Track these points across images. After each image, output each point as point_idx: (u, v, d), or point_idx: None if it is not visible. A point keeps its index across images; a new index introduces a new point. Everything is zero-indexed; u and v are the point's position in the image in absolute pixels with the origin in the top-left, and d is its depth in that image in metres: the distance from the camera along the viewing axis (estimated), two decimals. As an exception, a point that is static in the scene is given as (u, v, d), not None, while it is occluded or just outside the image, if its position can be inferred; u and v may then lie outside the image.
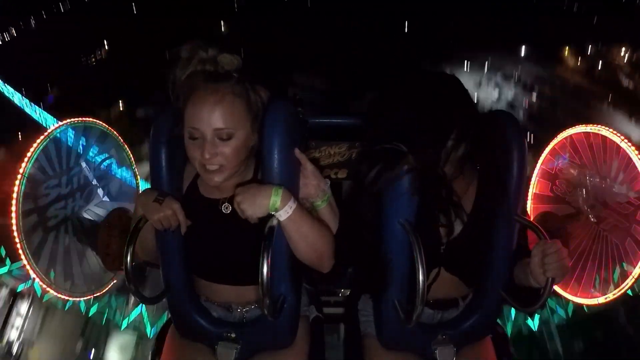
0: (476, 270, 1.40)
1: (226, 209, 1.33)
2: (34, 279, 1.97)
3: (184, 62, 1.24)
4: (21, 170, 1.92)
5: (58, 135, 2.08)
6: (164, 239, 1.39)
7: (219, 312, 1.46)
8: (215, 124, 1.19)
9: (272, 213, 1.18)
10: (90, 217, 2.30)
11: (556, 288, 2.27)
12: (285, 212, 1.18)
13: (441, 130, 1.27)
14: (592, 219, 2.24)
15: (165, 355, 1.49)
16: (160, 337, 1.58)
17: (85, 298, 2.21)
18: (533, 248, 1.22)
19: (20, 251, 1.92)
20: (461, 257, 1.38)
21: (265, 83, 1.34)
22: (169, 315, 1.53)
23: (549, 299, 1.24)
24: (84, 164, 2.25)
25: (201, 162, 1.22)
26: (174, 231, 1.37)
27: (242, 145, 1.24)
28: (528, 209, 2.56)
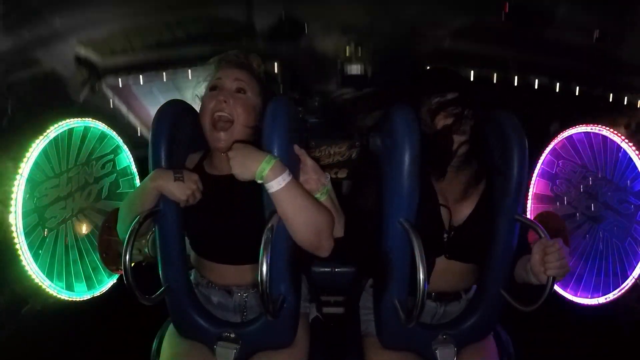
0: (481, 253, 1.41)
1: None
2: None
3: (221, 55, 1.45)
4: (20, 171, 1.91)
5: (58, 135, 2.07)
6: (163, 239, 1.39)
7: (220, 297, 1.47)
8: (236, 76, 1.37)
9: (259, 181, 1.18)
10: (90, 218, 2.29)
11: (556, 288, 2.27)
12: (277, 184, 1.18)
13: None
14: (592, 219, 2.24)
15: (164, 354, 1.49)
16: (160, 336, 1.58)
17: (85, 298, 2.20)
18: (534, 246, 1.23)
19: (20, 251, 1.91)
20: (465, 243, 1.39)
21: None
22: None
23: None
24: (83, 164, 2.24)
25: (214, 109, 1.33)
26: (174, 231, 1.38)
27: (251, 108, 1.37)
28: (528, 208, 2.56)
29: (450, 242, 1.39)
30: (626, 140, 2.06)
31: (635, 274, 2.01)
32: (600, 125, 2.19)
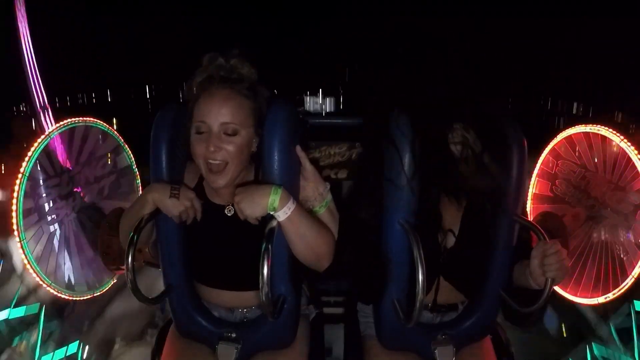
0: (471, 281, 1.40)
1: (229, 211, 1.35)
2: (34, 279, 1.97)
3: (203, 67, 1.29)
4: (21, 170, 1.92)
5: (59, 134, 2.07)
6: (165, 240, 1.39)
7: (221, 312, 1.47)
8: (222, 118, 1.23)
9: (271, 213, 1.18)
10: (90, 217, 2.30)
11: (556, 288, 2.27)
12: (284, 213, 1.18)
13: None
14: (592, 219, 2.24)
15: (165, 354, 1.49)
16: (161, 336, 1.58)
17: (85, 298, 2.21)
18: (533, 249, 1.23)
19: (20, 251, 1.92)
20: (459, 265, 1.38)
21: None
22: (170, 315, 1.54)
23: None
24: (84, 164, 2.25)
25: (205, 157, 1.25)
26: (175, 232, 1.38)
27: (245, 145, 1.27)
28: (528, 209, 2.56)
29: (446, 263, 1.38)
30: (625, 140, 2.06)
31: (635, 273, 2.02)
32: (599, 125, 2.19)
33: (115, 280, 2.40)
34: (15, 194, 1.89)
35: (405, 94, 1.35)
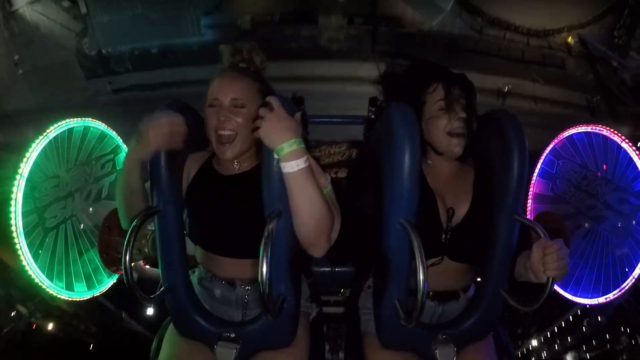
0: (481, 253, 1.40)
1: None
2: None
3: (223, 52, 1.49)
4: (20, 171, 1.91)
5: (57, 135, 2.07)
6: (164, 239, 1.40)
7: (223, 290, 1.47)
8: (232, 94, 1.37)
9: (275, 156, 1.18)
10: (90, 217, 2.29)
11: (556, 287, 2.26)
12: (295, 164, 1.17)
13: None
14: (593, 219, 2.24)
15: (164, 354, 1.49)
16: (160, 336, 1.58)
17: (85, 298, 2.20)
18: (533, 246, 1.23)
19: (20, 251, 1.91)
20: (464, 242, 1.39)
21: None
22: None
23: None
24: (83, 164, 2.24)
25: (217, 127, 1.37)
26: (174, 231, 1.38)
27: (252, 117, 1.35)
28: (528, 208, 2.56)
29: (449, 242, 1.39)
30: (626, 140, 2.06)
31: (635, 274, 2.01)
32: (600, 125, 2.18)
33: (114, 281, 2.39)
34: (14, 195, 1.89)
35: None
